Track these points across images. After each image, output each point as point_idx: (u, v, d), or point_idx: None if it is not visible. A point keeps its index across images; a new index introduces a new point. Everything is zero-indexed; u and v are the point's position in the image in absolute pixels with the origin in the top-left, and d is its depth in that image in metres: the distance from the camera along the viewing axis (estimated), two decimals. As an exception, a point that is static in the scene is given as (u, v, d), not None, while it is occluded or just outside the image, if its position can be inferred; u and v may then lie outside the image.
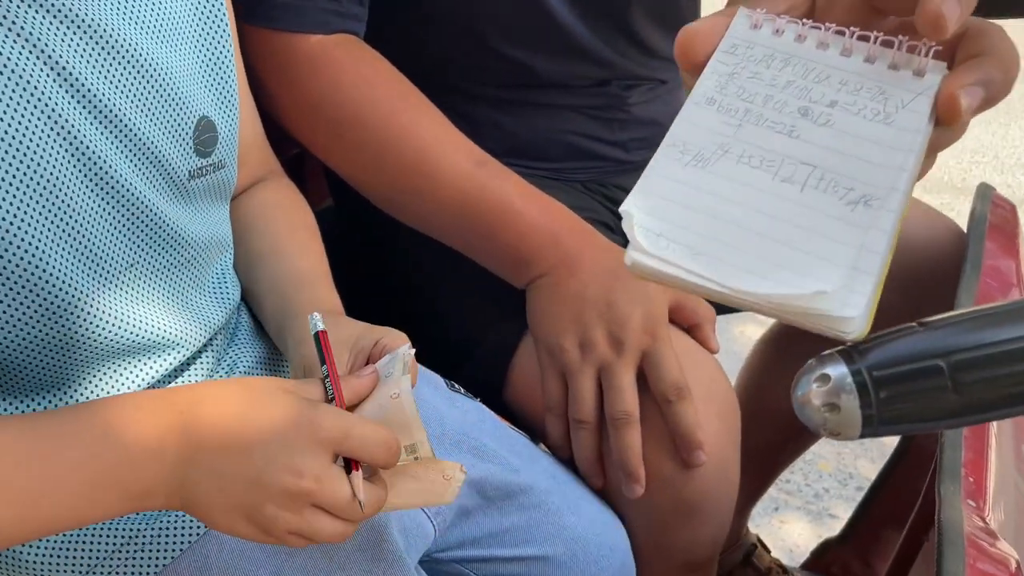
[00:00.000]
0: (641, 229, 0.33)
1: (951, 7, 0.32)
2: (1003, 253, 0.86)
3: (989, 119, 3.58)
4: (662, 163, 0.35)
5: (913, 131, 0.33)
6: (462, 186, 0.73)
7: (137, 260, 0.53)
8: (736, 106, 0.35)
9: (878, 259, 0.31)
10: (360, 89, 0.73)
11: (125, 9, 0.52)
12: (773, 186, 0.33)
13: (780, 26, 0.36)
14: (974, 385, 0.32)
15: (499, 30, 0.81)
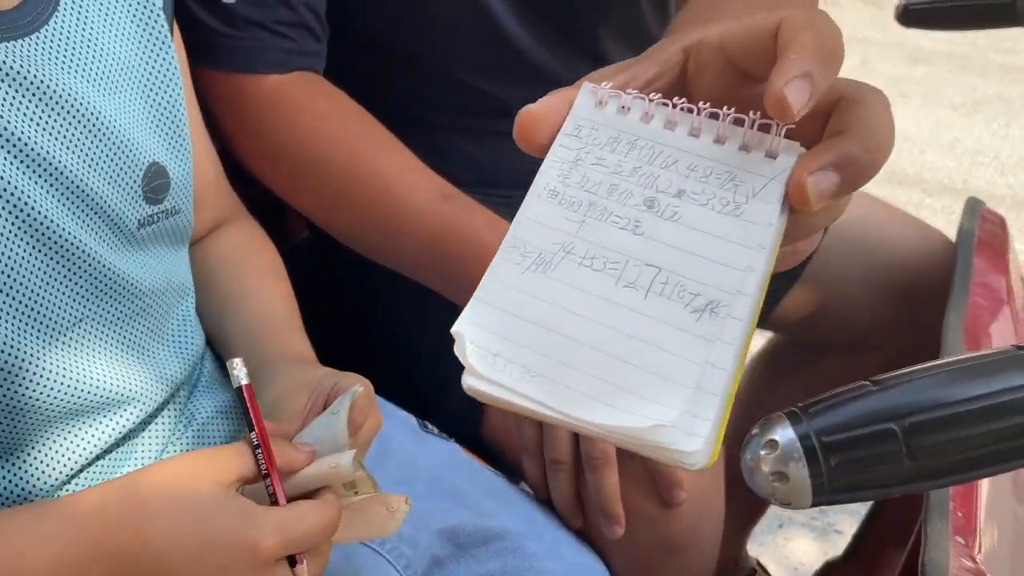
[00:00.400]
0: (475, 349, 0.31)
1: (797, 90, 0.29)
2: (992, 269, 0.84)
3: (989, 119, 3.55)
4: (501, 269, 0.32)
5: (764, 224, 0.31)
6: (428, 222, 0.71)
7: (86, 314, 0.52)
8: (579, 199, 0.33)
9: (724, 376, 0.29)
10: (319, 128, 0.72)
11: (65, 60, 0.51)
12: (616, 293, 0.31)
13: (626, 103, 0.34)
14: (929, 449, 0.30)
15: (462, 62, 0.79)
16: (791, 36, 0.30)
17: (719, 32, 0.33)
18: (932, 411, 0.30)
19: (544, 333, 0.31)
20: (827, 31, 0.30)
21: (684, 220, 0.31)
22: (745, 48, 0.32)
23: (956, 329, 0.76)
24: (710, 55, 0.33)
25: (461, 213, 0.72)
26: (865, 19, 4.63)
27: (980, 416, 0.30)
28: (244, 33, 0.71)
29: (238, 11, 0.70)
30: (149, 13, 0.58)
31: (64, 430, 0.52)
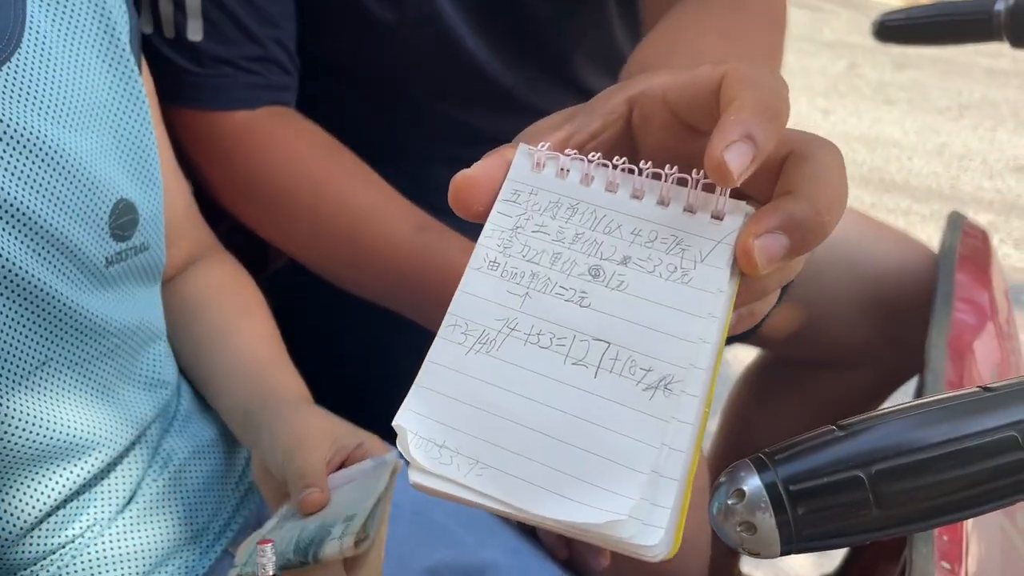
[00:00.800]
0: (418, 441, 0.29)
1: (738, 154, 0.27)
2: (975, 284, 0.84)
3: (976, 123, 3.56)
4: (442, 350, 0.31)
5: (714, 291, 0.29)
6: (402, 254, 0.71)
7: (51, 356, 0.51)
8: (521, 269, 0.31)
9: (682, 459, 0.28)
10: (289, 163, 0.72)
11: (27, 98, 0.50)
12: (564, 372, 0.29)
13: (565, 164, 0.32)
14: (897, 497, 0.29)
15: (434, 92, 0.79)
16: (732, 93, 0.29)
17: (663, 84, 0.32)
18: (898, 457, 0.30)
19: (491, 419, 0.29)
20: (770, 88, 0.29)
21: (631, 289, 0.30)
22: (689, 102, 0.32)
23: (940, 346, 0.76)
24: (654, 107, 0.32)
25: (435, 242, 0.71)
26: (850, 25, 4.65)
27: (948, 461, 0.29)
28: (211, 71, 0.70)
29: (205, 49, 0.70)
30: (115, 49, 0.57)
31: (30, 474, 0.51)
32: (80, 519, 0.54)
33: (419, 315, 0.75)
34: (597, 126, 0.33)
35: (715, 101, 0.30)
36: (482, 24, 0.77)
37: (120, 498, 0.56)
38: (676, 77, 0.32)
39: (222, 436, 0.65)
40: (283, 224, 0.74)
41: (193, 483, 0.61)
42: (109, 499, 0.56)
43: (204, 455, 0.63)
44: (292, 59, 0.75)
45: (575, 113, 0.34)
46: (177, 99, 0.71)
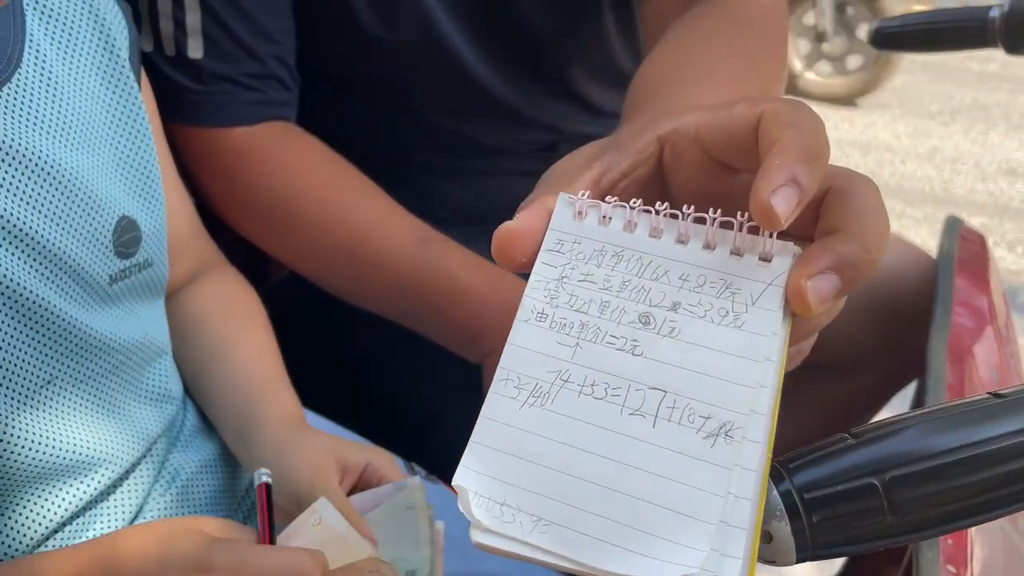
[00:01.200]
0: (479, 500, 0.29)
1: (784, 199, 0.27)
2: (974, 289, 0.84)
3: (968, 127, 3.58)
4: (496, 405, 0.30)
5: (768, 334, 0.29)
6: (404, 267, 0.71)
7: (56, 374, 0.51)
8: (570, 320, 0.31)
9: (749, 507, 0.27)
10: (290, 178, 0.72)
11: (29, 117, 0.50)
12: (621, 422, 0.29)
13: (607, 212, 0.31)
14: (911, 503, 0.30)
15: (435, 105, 0.80)
16: (774, 135, 0.29)
17: (695, 122, 0.32)
18: (912, 464, 0.30)
19: (550, 474, 0.29)
20: (810, 127, 0.29)
21: (684, 336, 0.30)
22: (724, 141, 0.31)
23: (940, 351, 0.76)
24: (687, 146, 0.32)
25: (438, 255, 0.72)
26: (841, 31, 4.67)
27: (961, 467, 0.30)
28: (211, 88, 0.71)
29: (205, 66, 0.70)
30: (115, 67, 0.57)
31: (38, 491, 0.51)
32: (87, 534, 0.54)
33: (421, 327, 0.75)
34: (628, 164, 0.33)
35: (751, 140, 0.30)
36: (480, 39, 0.78)
37: (127, 513, 0.56)
38: (709, 115, 0.32)
39: (227, 453, 0.65)
40: (285, 238, 0.74)
41: (200, 498, 0.61)
42: (116, 514, 0.56)
43: (210, 470, 0.63)
44: (292, 75, 0.75)
45: (604, 150, 0.33)
46: (178, 116, 0.71)
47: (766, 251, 0.30)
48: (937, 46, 0.85)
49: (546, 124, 0.83)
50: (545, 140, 0.85)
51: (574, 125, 0.85)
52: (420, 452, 0.75)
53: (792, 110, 0.30)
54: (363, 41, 0.76)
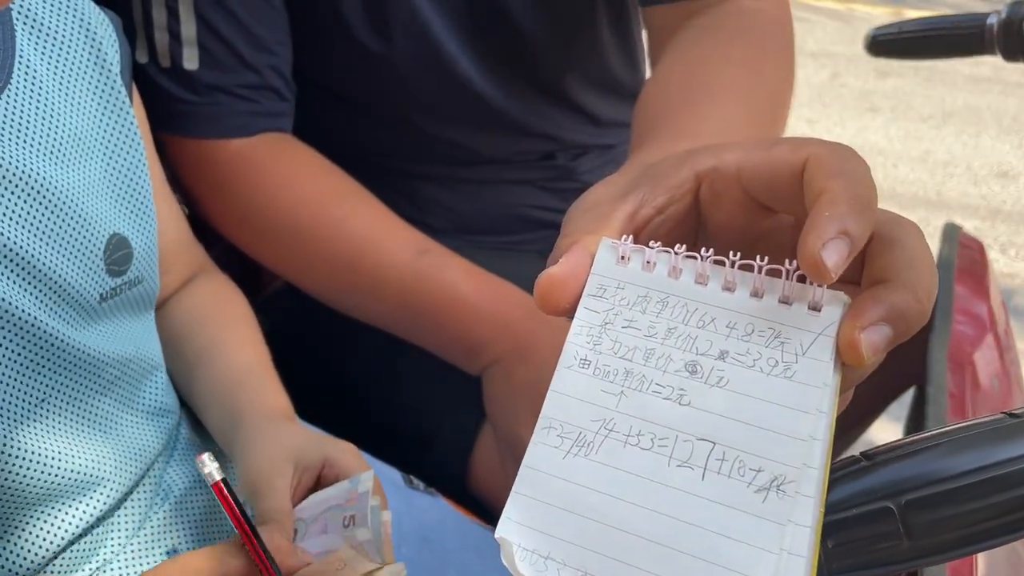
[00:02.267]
0: (523, 554, 0.28)
1: (835, 252, 0.27)
2: (974, 296, 0.84)
3: (959, 130, 3.60)
4: (538, 455, 0.30)
5: (819, 385, 0.28)
6: (401, 278, 0.71)
7: (50, 393, 0.50)
8: (614, 367, 0.30)
9: (802, 564, 0.27)
10: (286, 190, 0.71)
11: (19, 134, 0.49)
12: (669, 474, 0.28)
13: (650, 257, 0.31)
14: (928, 527, 0.29)
15: (431, 115, 0.79)
16: (821, 183, 0.28)
17: (736, 162, 0.31)
18: (928, 487, 0.29)
19: (595, 527, 0.28)
20: (858, 176, 0.29)
21: (732, 386, 0.29)
22: (766, 183, 0.31)
23: (940, 359, 0.76)
24: (726, 185, 0.31)
25: (436, 266, 0.71)
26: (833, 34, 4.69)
27: (978, 490, 0.29)
28: (206, 99, 0.70)
29: (200, 77, 0.70)
30: (107, 81, 0.56)
31: (41, 512, 0.51)
32: (95, 556, 0.53)
33: (419, 338, 0.74)
34: (663, 200, 0.32)
35: (795, 184, 0.30)
36: (477, 49, 0.77)
37: (126, 532, 0.55)
38: (751, 155, 0.31)
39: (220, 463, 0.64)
40: (281, 250, 0.74)
41: (194, 513, 0.60)
42: (118, 534, 0.55)
43: (203, 485, 0.62)
44: (288, 85, 0.74)
45: (637, 183, 0.33)
46: (172, 127, 0.70)
47: (815, 300, 0.29)
48: (934, 53, 0.85)
49: (543, 133, 0.83)
50: (543, 149, 0.84)
51: (571, 134, 0.84)
52: (419, 465, 0.74)
53: (838, 156, 0.29)
54: (358, 53, 0.75)
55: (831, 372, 0.28)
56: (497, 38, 0.77)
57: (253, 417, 0.59)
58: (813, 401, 0.28)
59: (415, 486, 0.70)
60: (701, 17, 0.68)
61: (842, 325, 0.28)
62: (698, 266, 0.31)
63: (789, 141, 0.31)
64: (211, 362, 0.64)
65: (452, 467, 0.75)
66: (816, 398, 0.28)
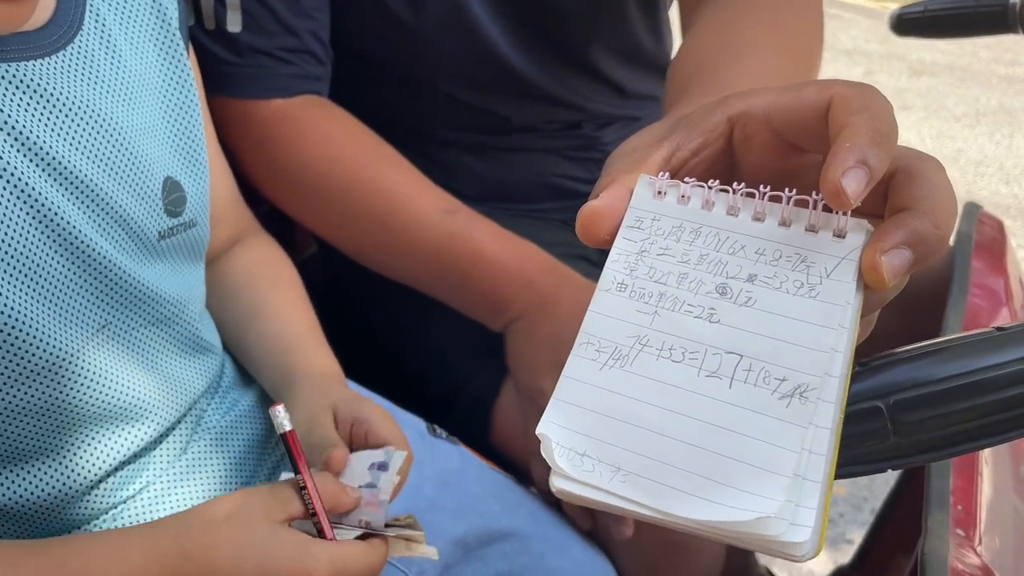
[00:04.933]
0: (561, 450, 0.31)
1: (854, 180, 0.29)
2: (991, 271, 0.85)
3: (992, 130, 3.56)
4: (577, 366, 0.32)
5: (842, 304, 0.30)
6: (431, 236, 0.73)
7: (110, 320, 0.54)
8: (649, 290, 0.32)
9: (822, 462, 0.29)
10: (323, 149, 0.74)
11: (89, 76, 0.53)
12: (699, 383, 0.31)
13: (685, 192, 0.33)
14: (914, 426, 0.31)
15: (461, 82, 0.82)
16: (844, 119, 0.30)
17: (766, 105, 0.33)
18: (915, 389, 0.32)
19: (630, 429, 0.31)
20: (880, 111, 0.30)
21: (759, 305, 0.31)
22: (794, 123, 0.33)
23: (955, 330, 0.77)
24: (756, 127, 0.33)
25: (464, 226, 0.74)
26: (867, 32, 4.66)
27: (962, 392, 0.31)
28: (249, 61, 0.73)
29: (243, 40, 0.73)
30: (167, 33, 0.60)
31: (94, 433, 0.54)
32: (135, 482, 0.57)
33: (446, 295, 0.77)
34: (698, 143, 0.34)
35: (821, 123, 0.31)
36: (506, 18, 0.79)
37: (166, 463, 0.59)
38: (780, 98, 0.33)
39: (260, 406, 0.67)
40: (317, 207, 0.77)
41: (233, 448, 0.63)
42: (161, 462, 0.58)
43: (243, 424, 0.65)
44: (326, 50, 0.77)
45: (672, 129, 0.35)
46: (216, 88, 0.73)
47: (840, 227, 0.31)
48: (958, 31, 0.86)
49: (570, 103, 0.85)
50: (569, 119, 0.86)
51: (598, 105, 0.87)
52: (444, 416, 0.77)
53: (861, 94, 0.31)
54: (391, 22, 0.78)
55: (853, 292, 0.30)
56: (527, 8, 0.79)
57: (304, 379, 0.63)
58: (835, 317, 0.30)
59: (438, 434, 0.73)
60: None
61: (865, 249, 0.30)
62: (730, 199, 0.33)
63: (816, 83, 0.33)
64: (265, 321, 0.67)
65: (475, 421, 0.77)
66: (839, 315, 0.30)
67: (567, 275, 0.74)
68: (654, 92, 0.91)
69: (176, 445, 0.60)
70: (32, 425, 0.51)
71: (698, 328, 0.31)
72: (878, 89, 0.32)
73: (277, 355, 0.65)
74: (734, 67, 0.59)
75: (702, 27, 0.67)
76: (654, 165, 0.34)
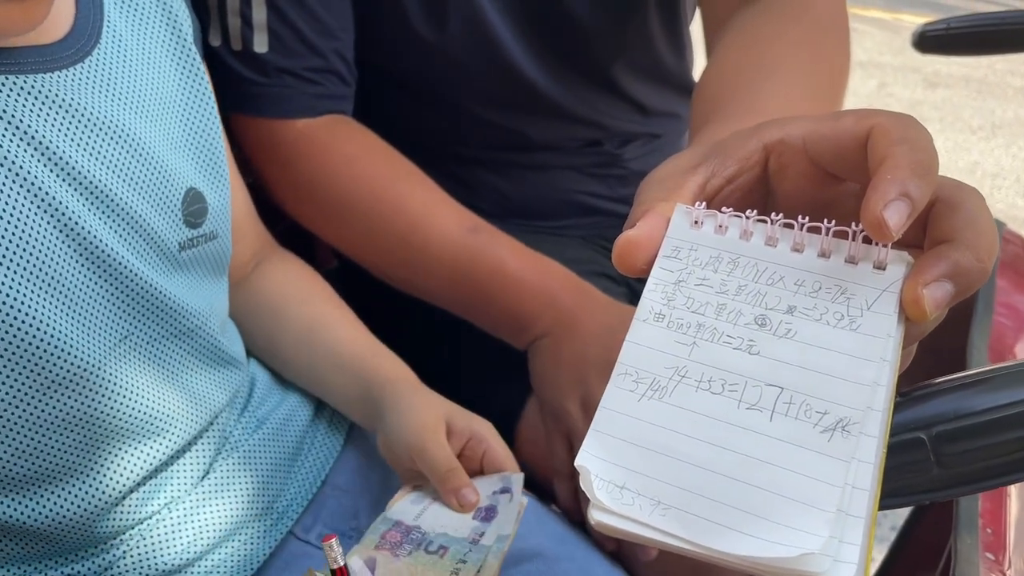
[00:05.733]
0: (600, 483, 0.31)
1: (896, 212, 0.28)
2: (1016, 289, 0.85)
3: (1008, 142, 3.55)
4: (615, 397, 0.32)
5: (883, 337, 0.30)
6: (454, 254, 0.73)
7: (132, 331, 0.54)
8: (687, 320, 0.32)
9: (866, 497, 0.28)
10: (347, 168, 0.75)
11: (107, 88, 0.54)
12: (739, 416, 0.30)
13: (723, 221, 0.33)
14: (956, 457, 0.31)
15: (483, 100, 0.82)
16: (885, 150, 0.30)
17: (802, 133, 0.33)
18: (958, 420, 0.31)
19: (669, 462, 0.31)
20: (920, 143, 0.30)
21: (800, 337, 0.31)
22: (832, 153, 0.32)
23: (981, 348, 0.77)
24: (793, 156, 0.33)
25: (486, 244, 0.74)
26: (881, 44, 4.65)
27: (1005, 424, 0.31)
28: (275, 81, 0.74)
29: (269, 60, 0.73)
30: (182, 47, 0.61)
31: (118, 449, 0.54)
32: (158, 497, 0.57)
33: (469, 313, 0.77)
34: (733, 171, 0.34)
35: (860, 153, 0.31)
36: (528, 36, 0.80)
37: (194, 477, 0.59)
38: (817, 126, 0.32)
39: (288, 424, 0.67)
40: (340, 226, 0.77)
41: (260, 467, 0.64)
42: (184, 478, 0.58)
43: (271, 443, 0.65)
44: (351, 70, 0.78)
45: (707, 156, 0.34)
46: (242, 108, 0.74)
47: (880, 259, 0.31)
48: (981, 49, 0.86)
49: (592, 121, 0.85)
50: (590, 136, 0.87)
51: (619, 122, 0.87)
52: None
53: (902, 125, 0.31)
54: (413, 39, 0.78)
55: (895, 325, 0.30)
56: (549, 26, 0.80)
57: (397, 384, 0.64)
58: (877, 350, 0.30)
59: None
60: (756, 1, 0.69)
61: (906, 282, 0.30)
62: (768, 229, 0.32)
63: (854, 112, 0.32)
64: (329, 331, 0.68)
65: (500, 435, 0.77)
66: (880, 347, 0.30)
67: (590, 293, 0.74)
68: (675, 109, 0.91)
69: (199, 461, 0.60)
70: (57, 440, 0.51)
71: (737, 360, 0.31)
72: (916, 119, 0.32)
73: (352, 362, 0.66)
74: (762, 86, 0.58)
75: (728, 45, 0.66)
76: (689, 193, 0.34)
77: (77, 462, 0.52)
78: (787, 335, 0.31)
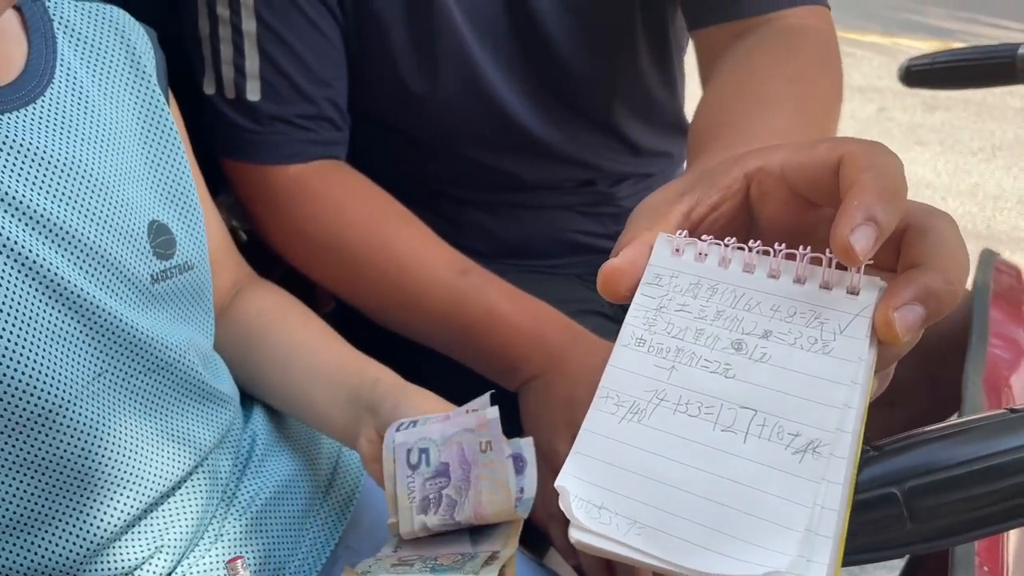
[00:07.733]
0: (579, 503, 0.32)
1: (863, 237, 0.29)
2: (1010, 320, 0.85)
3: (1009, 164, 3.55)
4: (596, 420, 0.33)
5: (855, 360, 0.31)
6: (443, 296, 0.74)
7: (106, 367, 0.54)
8: (667, 345, 0.33)
9: (834, 517, 0.29)
10: (336, 213, 0.76)
11: (59, 125, 0.55)
12: (714, 438, 0.31)
13: (703, 249, 0.34)
14: (930, 511, 0.31)
15: (476, 144, 0.83)
16: (853, 177, 0.31)
17: (780, 161, 0.34)
18: (930, 474, 0.32)
19: (646, 482, 0.31)
20: (888, 169, 0.31)
21: (774, 361, 0.32)
22: (808, 180, 0.33)
23: (976, 382, 0.76)
24: (772, 184, 0.35)
25: (476, 286, 0.74)
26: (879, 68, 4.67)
27: (978, 477, 0.31)
28: (268, 128, 0.75)
29: (262, 108, 0.75)
30: (143, 84, 0.62)
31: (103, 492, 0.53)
32: (146, 541, 0.56)
33: (460, 353, 0.77)
34: (716, 199, 0.35)
35: (833, 179, 0.32)
36: (519, 80, 0.81)
37: (186, 522, 0.58)
38: (794, 155, 0.34)
39: (302, 474, 0.67)
40: (333, 269, 0.78)
41: (274, 530, 0.63)
42: (175, 522, 0.58)
43: (284, 496, 0.65)
44: (343, 116, 0.79)
45: (692, 185, 0.36)
46: (236, 154, 0.75)
47: (853, 285, 0.32)
48: (967, 83, 0.87)
49: (584, 162, 0.86)
50: (583, 177, 0.88)
51: (612, 163, 0.88)
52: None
53: (871, 152, 0.32)
54: (404, 90, 0.80)
55: (866, 349, 0.31)
56: (540, 71, 0.81)
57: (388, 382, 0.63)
58: (848, 373, 0.31)
59: (456, 497, 0.73)
60: (749, 35, 0.70)
61: (878, 306, 0.31)
62: (746, 256, 0.34)
63: (828, 140, 0.33)
64: (308, 353, 0.67)
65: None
66: (851, 371, 0.31)
67: (581, 334, 0.74)
68: (667, 148, 0.92)
69: (191, 504, 0.59)
70: (33, 482, 0.50)
71: (714, 383, 0.32)
72: (886, 147, 0.33)
73: (337, 373, 0.65)
74: (758, 118, 0.59)
75: (723, 79, 0.67)
76: (674, 221, 0.35)
77: (57, 506, 0.52)
78: (762, 359, 0.32)
